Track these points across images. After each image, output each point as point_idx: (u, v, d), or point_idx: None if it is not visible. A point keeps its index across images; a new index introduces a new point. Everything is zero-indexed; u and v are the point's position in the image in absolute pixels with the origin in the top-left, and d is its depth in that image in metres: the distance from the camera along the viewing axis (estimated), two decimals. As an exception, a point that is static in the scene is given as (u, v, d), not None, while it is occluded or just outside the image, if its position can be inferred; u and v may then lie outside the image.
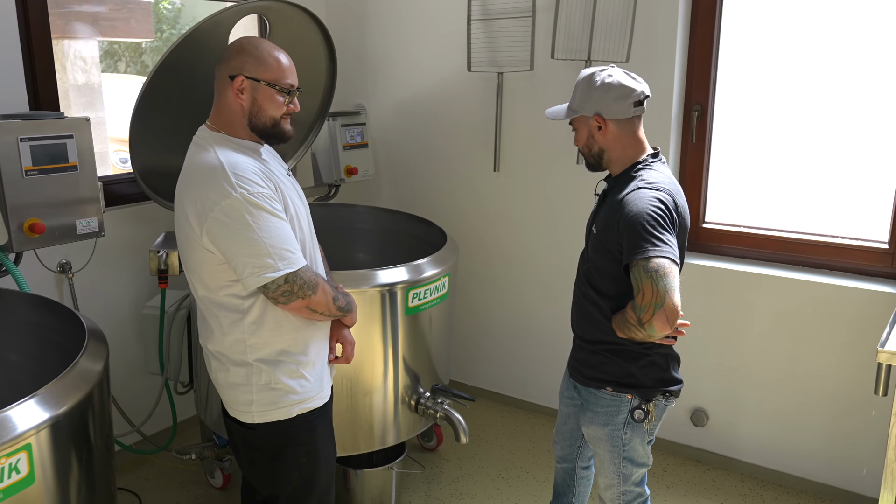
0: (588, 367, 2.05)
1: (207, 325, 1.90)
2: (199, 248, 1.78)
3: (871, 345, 2.74)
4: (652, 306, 1.76)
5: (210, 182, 1.74)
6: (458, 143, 3.55)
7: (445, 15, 3.44)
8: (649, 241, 1.80)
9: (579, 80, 1.99)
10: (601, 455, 2.08)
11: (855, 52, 2.77)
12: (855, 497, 2.88)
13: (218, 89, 1.87)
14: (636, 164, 1.97)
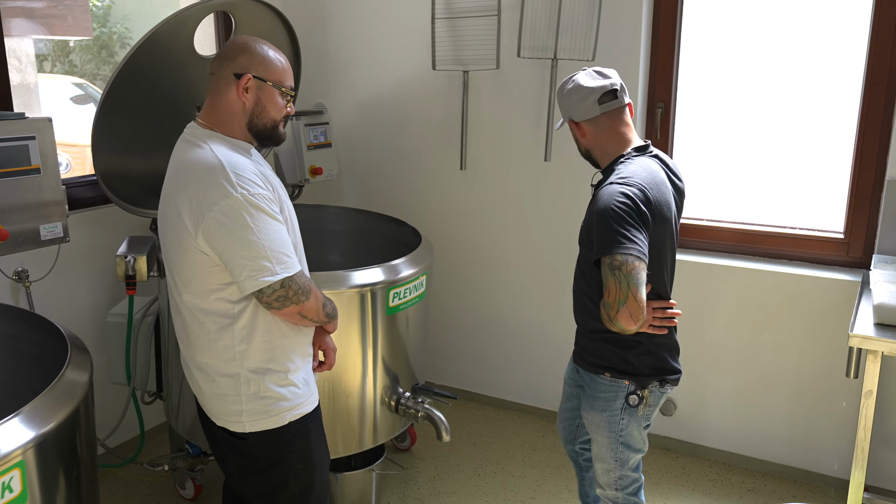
0: (588, 353, 2.09)
1: (190, 334, 1.83)
2: (191, 250, 1.72)
3: (830, 331, 2.86)
4: (616, 303, 1.78)
5: (209, 181, 1.68)
6: (424, 142, 3.54)
7: (409, 13, 3.43)
8: (614, 238, 1.81)
9: (558, 89, 2.07)
10: (599, 441, 2.11)
11: (810, 51, 2.88)
12: (816, 476, 3.01)
13: (217, 86, 1.81)
14: (618, 158, 2.00)
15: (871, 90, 2.74)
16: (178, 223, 1.73)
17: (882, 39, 2.68)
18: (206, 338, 1.80)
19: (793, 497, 2.93)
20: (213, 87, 1.82)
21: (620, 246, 1.79)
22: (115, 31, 5.59)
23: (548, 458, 3.22)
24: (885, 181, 2.73)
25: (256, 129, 1.82)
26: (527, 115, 3.25)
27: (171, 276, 1.83)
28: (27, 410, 1.57)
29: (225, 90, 1.79)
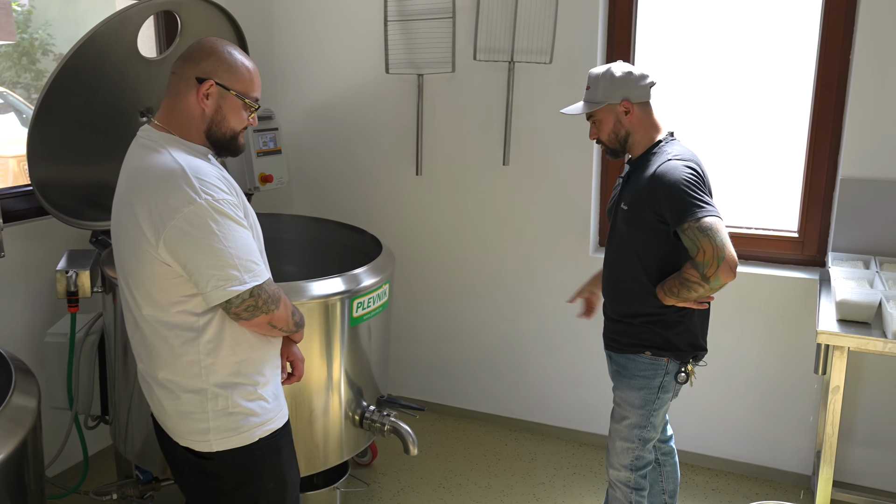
0: (627, 337, 2.20)
1: (152, 350, 1.71)
2: (151, 261, 1.61)
3: (788, 328, 2.90)
4: (715, 259, 1.92)
5: (169, 187, 1.57)
6: (378, 147, 3.46)
7: (360, 15, 3.34)
8: (695, 203, 1.96)
9: (597, 76, 2.14)
10: (629, 418, 2.21)
11: (763, 52, 2.93)
12: (777, 472, 3.04)
13: (177, 88, 1.70)
14: (657, 142, 2.15)
15: (822, 92, 2.80)
16: (136, 232, 1.61)
17: (831, 43, 2.75)
18: (169, 353, 1.68)
19: (756, 494, 2.95)
20: (172, 87, 1.71)
21: (703, 209, 1.95)
22: (35, 37, 5.33)
23: (512, 466, 3.17)
24: (837, 181, 2.79)
25: (215, 138, 1.72)
26: (484, 119, 3.21)
27: (128, 289, 1.70)
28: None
29: (185, 93, 1.68)
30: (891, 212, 2.67)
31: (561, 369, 3.33)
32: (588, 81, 2.19)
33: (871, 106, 2.65)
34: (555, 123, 3.09)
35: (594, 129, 2.21)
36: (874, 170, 2.68)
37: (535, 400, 3.42)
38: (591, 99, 2.16)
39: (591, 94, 2.17)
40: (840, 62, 2.75)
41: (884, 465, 2.84)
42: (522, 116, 3.14)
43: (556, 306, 3.26)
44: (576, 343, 3.24)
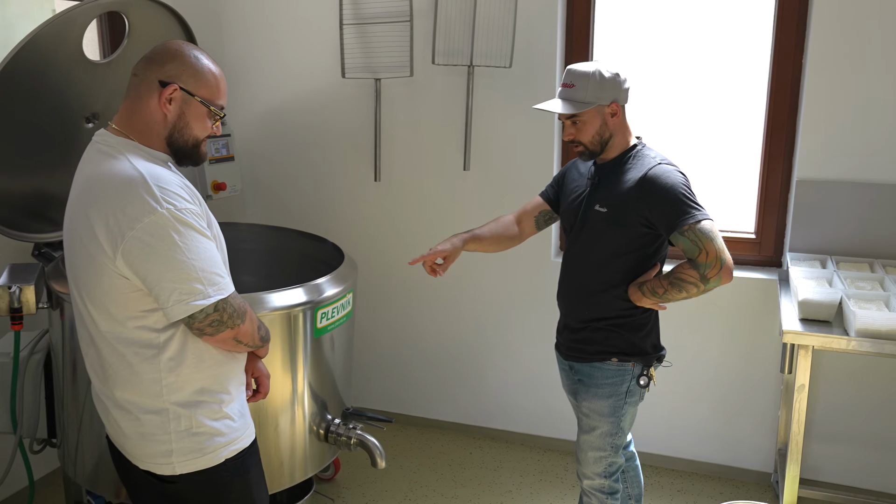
0: (591, 344, 2.16)
1: (109, 368, 1.61)
2: (108, 274, 1.52)
3: (747, 328, 2.94)
4: (718, 261, 1.94)
5: (128, 196, 1.49)
6: (334, 153, 3.38)
7: (315, 18, 3.27)
8: (693, 206, 1.98)
9: (584, 75, 2.06)
10: (599, 428, 2.17)
11: (718, 57, 2.97)
12: (738, 471, 3.08)
13: (138, 91, 1.61)
14: (633, 146, 2.13)
15: (776, 95, 2.85)
16: (92, 243, 1.52)
17: (784, 46, 2.80)
18: (127, 371, 1.58)
19: (720, 494, 2.98)
20: (133, 90, 1.62)
21: (701, 212, 1.97)
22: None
23: (478, 475, 3.13)
24: (792, 182, 2.84)
25: (176, 146, 1.63)
26: (444, 123, 3.17)
27: (82, 304, 1.61)
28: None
29: (146, 96, 1.59)
30: (845, 212, 2.73)
31: (523, 375, 3.30)
32: (568, 78, 2.08)
33: (824, 108, 2.70)
34: (515, 127, 3.08)
35: (572, 129, 2.10)
36: (829, 171, 2.74)
37: (497, 407, 3.39)
38: (578, 98, 2.06)
39: (577, 93, 2.06)
40: (793, 65, 2.80)
41: (843, 460, 2.90)
42: (483, 121, 3.11)
43: (517, 312, 3.24)
44: (537, 348, 3.22)
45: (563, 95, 2.11)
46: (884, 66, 2.61)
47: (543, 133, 3.05)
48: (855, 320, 2.18)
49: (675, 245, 2.02)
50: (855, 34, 2.62)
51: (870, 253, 2.72)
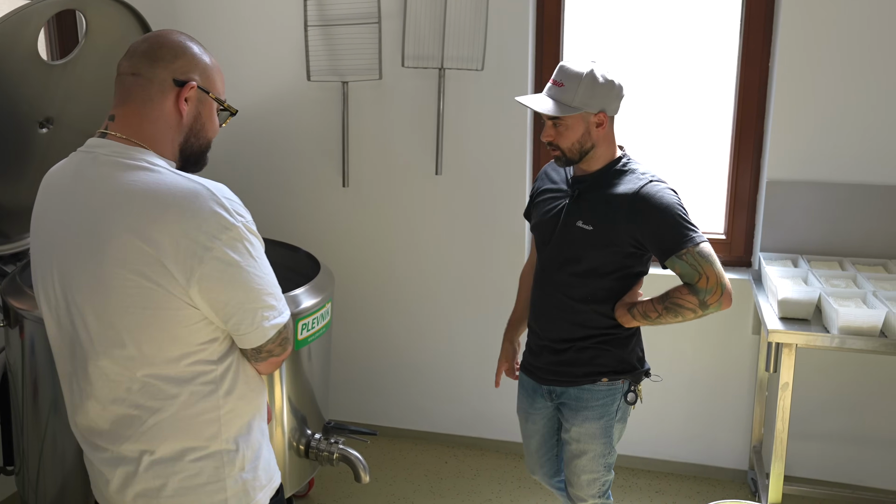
0: (579, 366, 2.04)
1: (147, 420, 1.36)
2: (172, 306, 1.31)
3: (720, 327, 2.96)
4: (718, 287, 1.86)
5: (200, 212, 1.30)
6: (300, 158, 3.28)
7: (276, 19, 3.16)
8: (690, 228, 1.89)
9: (576, 75, 1.91)
10: (591, 450, 2.08)
11: (687, 59, 3.00)
12: (714, 470, 3.11)
13: (147, 92, 1.41)
14: (618, 159, 2.01)
15: (744, 98, 2.89)
16: (150, 272, 1.29)
17: (752, 50, 2.84)
18: (178, 416, 1.37)
19: (697, 493, 3.00)
20: (138, 92, 1.40)
21: (697, 234, 1.88)
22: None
23: (456, 485, 3.07)
24: (761, 183, 2.89)
25: (190, 151, 1.46)
26: (414, 127, 3.11)
27: (115, 348, 1.33)
28: None
29: (159, 98, 1.40)
30: (814, 212, 2.78)
31: (498, 381, 3.26)
32: (559, 76, 1.94)
33: (792, 111, 2.75)
34: (488, 131, 3.04)
35: (553, 131, 1.96)
36: (797, 172, 2.79)
37: (471, 414, 3.34)
38: (566, 101, 1.91)
39: (565, 94, 1.91)
40: (760, 70, 2.85)
41: (816, 455, 2.95)
42: (454, 124, 3.06)
43: (489, 318, 3.20)
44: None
45: (550, 93, 1.97)
46: (849, 70, 2.67)
47: (517, 136, 3.02)
48: (837, 318, 2.22)
49: (670, 269, 1.90)
50: (821, 40, 2.68)
51: (839, 252, 2.78)
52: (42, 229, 1.44)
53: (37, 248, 1.45)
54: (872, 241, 2.75)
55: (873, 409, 2.87)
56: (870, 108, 2.68)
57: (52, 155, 2.59)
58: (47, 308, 1.43)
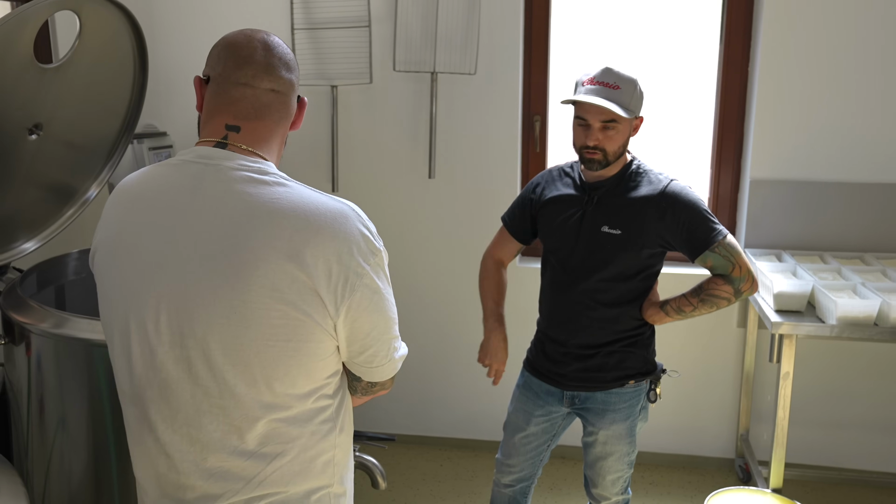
0: (607, 370, 2.08)
1: (269, 466, 1.21)
2: (316, 338, 1.20)
3: (706, 322, 3.06)
4: (749, 275, 1.97)
5: (350, 235, 1.20)
6: (288, 163, 3.22)
7: (262, 22, 3.11)
8: (716, 223, 2.00)
9: (629, 81, 1.97)
10: (617, 451, 2.12)
11: (670, 62, 3.11)
12: (702, 460, 3.22)
13: (288, 110, 1.33)
14: (630, 162, 2.08)
15: (725, 101, 3.02)
16: (297, 304, 1.16)
17: (732, 54, 2.97)
18: (297, 460, 1.24)
19: (688, 483, 3.10)
20: (277, 109, 1.30)
21: (723, 228, 1.99)
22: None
23: (455, 487, 3.09)
24: (744, 182, 3.01)
25: None
26: (407, 131, 3.11)
27: (231, 388, 1.18)
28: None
29: (290, 117, 1.34)
30: (794, 209, 2.93)
31: (486, 382, 3.28)
32: (611, 79, 1.96)
33: (773, 113, 2.89)
34: (481, 134, 3.07)
35: (601, 135, 1.95)
36: (778, 171, 2.93)
37: (463, 416, 3.36)
38: (624, 103, 1.94)
39: (623, 97, 1.94)
40: (741, 74, 2.98)
41: (806, 441, 3.09)
42: (447, 128, 3.08)
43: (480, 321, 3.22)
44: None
45: (603, 95, 1.94)
46: (826, 75, 2.83)
47: (509, 139, 3.06)
48: (836, 309, 2.34)
49: (701, 264, 1.99)
50: (799, 47, 2.82)
51: (817, 246, 2.94)
52: (136, 250, 1.22)
53: (126, 272, 1.23)
54: (848, 234, 2.91)
55: (858, 396, 3.03)
56: (846, 110, 2.85)
57: (41, 162, 2.49)
58: (137, 342, 1.21)
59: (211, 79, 1.30)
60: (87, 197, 2.77)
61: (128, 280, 1.23)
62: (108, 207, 1.32)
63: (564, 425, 2.25)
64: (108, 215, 1.31)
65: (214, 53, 1.32)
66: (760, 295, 2.65)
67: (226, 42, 1.32)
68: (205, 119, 1.30)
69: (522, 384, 2.26)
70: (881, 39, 2.78)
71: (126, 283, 1.23)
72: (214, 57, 1.32)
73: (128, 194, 1.30)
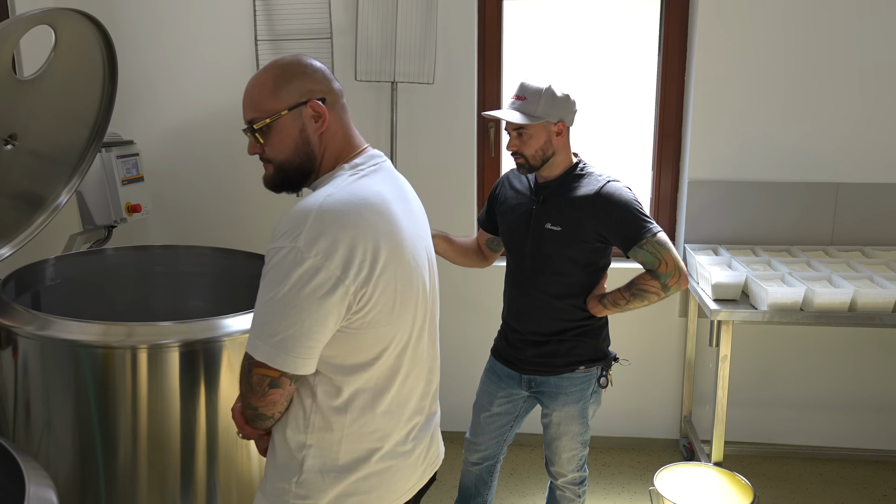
0: (559, 357, 2.24)
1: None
2: None
3: (650, 313, 3.29)
4: (676, 270, 2.10)
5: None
6: (253, 171, 3.29)
7: (226, 35, 3.21)
8: (647, 220, 2.13)
9: (537, 90, 2.13)
10: (570, 432, 2.28)
11: (613, 69, 3.34)
12: (648, 441, 3.46)
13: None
14: (576, 165, 2.22)
15: (664, 108, 3.26)
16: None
17: (670, 65, 3.22)
18: None
19: (638, 462, 3.33)
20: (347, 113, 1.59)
21: (654, 225, 2.13)
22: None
23: (444, 479, 3.22)
24: (682, 183, 3.26)
25: None
26: (368, 137, 3.17)
27: (433, 341, 1.61)
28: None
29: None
30: (729, 207, 3.19)
31: (466, 378, 3.42)
32: (521, 91, 2.16)
33: (707, 120, 3.15)
34: (440, 141, 3.24)
35: (517, 141, 2.16)
36: (714, 173, 3.19)
37: (459, 410, 3.48)
38: (529, 112, 2.13)
39: (528, 106, 2.13)
40: (678, 83, 3.23)
41: (743, 419, 3.35)
42: (407, 135, 3.24)
43: (453, 321, 3.39)
44: (469, 347, 3.39)
45: (514, 107, 2.17)
46: (756, 84, 3.10)
47: (465, 144, 3.24)
48: (767, 296, 2.59)
49: (633, 258, 2.14)
50: (731, 59, 3.08)
51: (749, 240, 3.20)
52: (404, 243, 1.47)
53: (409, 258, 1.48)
54: (777, 229, 3.19)
55: (788, 376, 3.32)
56: (773, 117, 3.12)
57: (14, 171, 2.55)
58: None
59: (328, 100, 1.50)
60: (57, 203, 2.82)
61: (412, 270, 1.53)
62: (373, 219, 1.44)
63: (526, 408, 2.42)
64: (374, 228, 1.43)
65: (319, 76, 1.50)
66: (700, 286, 2.90)
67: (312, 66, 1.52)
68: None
69: (488, 368, 2.44)
70: (804, 53, 3.06)
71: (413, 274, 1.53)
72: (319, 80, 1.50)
73: (379, 203, 1.46)
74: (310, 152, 1.47)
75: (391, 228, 1.41)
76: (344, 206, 1.36)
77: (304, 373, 1.37)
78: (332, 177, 1.46)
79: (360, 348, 1.40)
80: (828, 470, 3.26)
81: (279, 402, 1.40)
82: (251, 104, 1.47)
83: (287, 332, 1.31)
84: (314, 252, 1.31)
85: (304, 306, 1.31)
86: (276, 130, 1.45)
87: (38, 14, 2.25)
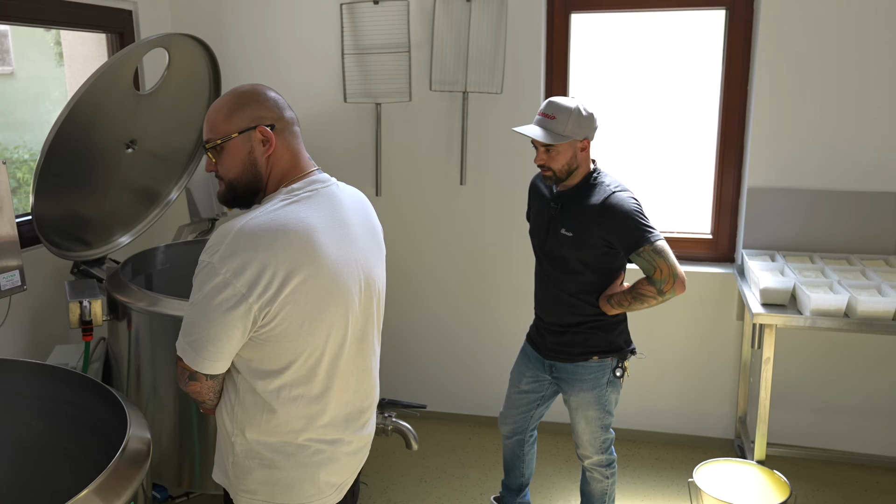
0: (574, 346, 2.47)
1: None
2: None
3: (708, 314, 3.42)
4: (671, 277, 2.26)
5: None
6: (337, 171, 3.64)
7: (316, 48, 3.56)
8: (647, 230, 2.29)
9: (565, 109, 2.32)
10: (588, 416, 2.50)
11: (678, 77, 3.46)
12: (704, 440, 3.56)
13: None
14: (591, 173, 2.42)
15: (726, 115, 3.36)
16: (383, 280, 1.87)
17: (733, 74, 3.31)
18: None
19: (691, 459, 3.45)
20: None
21: (654, 234, 2.28)
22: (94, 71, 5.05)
23: (482, 457, 3.49)
24: (743, 190, 3.35)
25: None
26: (440, 143, 3.53)
27: (376, 339, 1.76)
28: (97, 486, 1.52)
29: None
30: (787, 214, 3.25)
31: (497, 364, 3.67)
32: (550, 110, 2.33)
33: (768, 128, 3.22)
34: (506, 146, 3.47)
35: (545, 156, 2.35)
36: (773, 180, 3.26)
37: (490, 396, 3.75)
38: (557, 131, 2.31)
39: (557, 125, 2.31)
40: (740, 92, 3.31)
41: (793, 423, 3.42)
42: (476, 140, 3.49)
43: (507, 311, 3.62)
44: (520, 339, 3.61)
45: (542, 124, 2.35)
46: (818, 92, 3.15)
47: (530, 150, 3.45)
48: (809, 302, 2.68)
49: (634, 264, 2.33)
50: (793, 67, 3.15)
51: (809, 248, 3.26)
52: (346, 247, 1.61)
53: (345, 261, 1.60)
54: (836, 238, 3.23)
55: (840, 381, 3.35)
56: (834, 125, 3.16)
57: (134, 171, 2.99)
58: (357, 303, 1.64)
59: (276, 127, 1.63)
60: (169, 199, 3.26)
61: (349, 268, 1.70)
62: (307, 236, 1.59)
63: (551, 392, 2.65)
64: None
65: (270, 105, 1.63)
66: (751, 290, 3.00)
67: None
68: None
69: (522, 350, 2.71)
70: (866, 61, 3.09)
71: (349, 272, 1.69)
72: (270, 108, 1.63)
73: (308, 227, 1.58)
74: (257, 173, 1.59)
75: (308, 254, 1.50)
76: (261, 231, 1.48)
77: (213, 372, 1.53)
78: (270, 199, 1.59)
79: (270, 357, 1.54)
80: (886, 479, 3.27)
81: (202, 393, 1.59)
82: (208, 126, 1.60)
83: (198, 335, 1.49)
84: (225, 269, 1.46)
85: (211, 316, 1.47)
86: (228, 151, 1.58)
87: (154, 39, 2.65)
